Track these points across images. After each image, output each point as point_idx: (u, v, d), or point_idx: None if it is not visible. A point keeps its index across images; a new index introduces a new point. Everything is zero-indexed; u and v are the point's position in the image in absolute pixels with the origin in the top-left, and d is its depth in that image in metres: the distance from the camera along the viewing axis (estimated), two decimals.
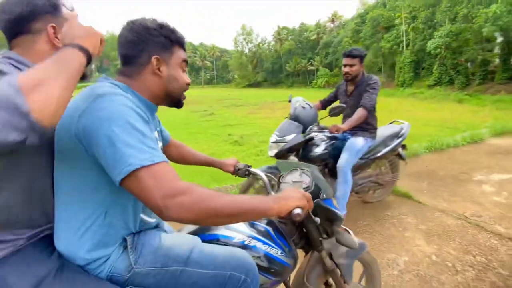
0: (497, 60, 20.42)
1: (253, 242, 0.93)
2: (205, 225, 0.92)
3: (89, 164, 0.66)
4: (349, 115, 2.38)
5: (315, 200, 0.98)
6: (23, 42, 0.77)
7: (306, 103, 2.38)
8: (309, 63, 52.72)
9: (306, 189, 0.98)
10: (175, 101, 0.89)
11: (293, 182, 0.96)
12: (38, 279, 0.66)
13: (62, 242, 0.72)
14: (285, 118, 2.46)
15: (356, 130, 2.39)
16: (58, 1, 0.80)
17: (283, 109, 15.39)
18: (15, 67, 0.72)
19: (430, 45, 22.17)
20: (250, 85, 59.50)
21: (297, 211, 0.73)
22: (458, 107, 15.43)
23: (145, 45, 0.77)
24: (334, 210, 1.02)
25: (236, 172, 1.25)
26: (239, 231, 0.94)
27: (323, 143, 2.34)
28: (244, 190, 2.25)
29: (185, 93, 0.92)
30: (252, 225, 0.98)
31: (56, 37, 0.78)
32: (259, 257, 0.92)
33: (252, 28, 69.37)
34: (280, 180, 1.09)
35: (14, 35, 0.76)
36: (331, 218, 1.04)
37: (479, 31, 18.81)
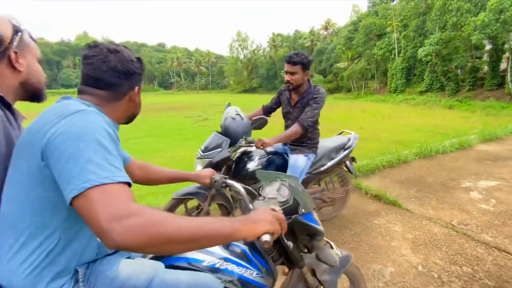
0: (486, 67, 20.87)
1: (225, 265, 0.87)
2: (159, 254, 0.82)
3: (47, 184, 0.63)
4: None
5: (293, 216, 0.92)
6: None
7: (237, 114, 2.14)
8: None
9: (284, 203, 0.92)
10: (131, 121, 0.94)
11: (268, 198, 0.88)
12: None
13: (5, 274, 0.64)
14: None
15: (296, 145, 2.23)
16: (18, 29, 0.82)
17: (275, 115, 15.47)
18: None
19: (421, 52, 22.58)
20: (245, 91, 59.76)
21: (266, 238, 0.65)
22: (449, 113, 15.69)
23: (130, 77, 0.82)
24: (314, 225, 0.96)
25: (213, 184, 1.19)
26: (210, 253, 0.88)
27: (257, 158, 2.15)
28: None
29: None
30: (227, 246, 0.92)
31: (18, 62, 0.81)
32: (231, 281, 0.86)
33: (247, 35, 69.99)
34: (260, 192, 1.03)
35: None
36: (311, 234, 0.99)
37: (468, 38, 19.21)
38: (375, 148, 6.18)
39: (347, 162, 2.53)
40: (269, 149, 2.24)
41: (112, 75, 0.79)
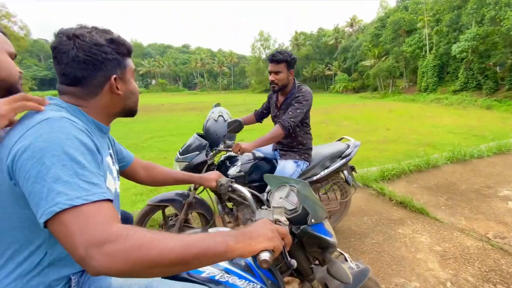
0: None
1: (226, 277, 0.81)
2: (145, 277, 0.73)
3: (22, 202, 0.57)
4: None
5: (302, 227, 0.85)
6: None
7: (220, 115, 2.02)
8: (327, 68, 52.17)
9: (292, 212, 0.85)
10: (131, 113, 0.82)
11: (273, 207, 0.80)
12: None
13: None
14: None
15: (285, 150, 2.08)
16: None
17: None
18: None
19: (455, 48, 21.17)
20: (266, 90, 59.60)
21: (264, 256, 0.57)
22: (486, 113, 14.54)
23: (101, 65, 0.69)
24: (325, 237, 0.87)
25: (219, 188, 1.15)
26: None
27: (240, 163, 2.01)
28: (141, 221, 1.89)
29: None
30: None
31: None
32: None
33: (269, 34, 69.96)
34: (268, 198, 0.97)
35: None
36: (322, 246, 0.91)
37: (508, 33, 17.70)
38: (402, 151, 5.87)
39: (345, 172, 2.29)
40: (257, 153, 2.12)
41: (75, 67, 0.67)
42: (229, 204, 2.09)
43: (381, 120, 11.53)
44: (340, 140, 2.54)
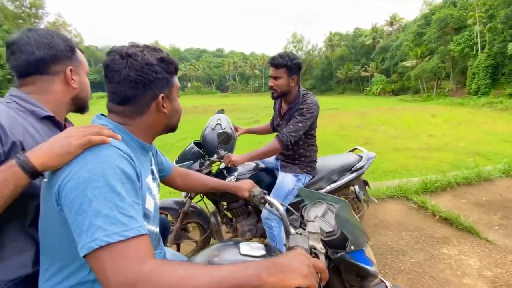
0: None
1: None
2: None
3: (68, 225, 0.58)
4: None
5: (340, 254, 0.79)
6: (38, 81, 0.81)
7: (218, 124, 1.89)
8: (363, 69, 50.08)
9: (330, 234, 0.80)
10: (173, 130, 0.83)
11: (309, 232, 0.74)
12: None
13: None
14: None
15: (286, 162, 1.92)
16: (74, 46, 0.86)
17: (331, 117, 14.83)
18: (18, 104, 0.77)
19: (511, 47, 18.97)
20: None
21: None
22: None
23: (150, 85, 0.70)
24: (365, 266, 0.81)
25: (252, 198, 1.14)
26: None
27: (236, 174, 1.90)
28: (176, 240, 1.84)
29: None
30: None
31: (72, 78, 0.85)
32: None
33: (303, 36, 69.11)
34: (303, 213, 0.93)
35: (27, 75, 0.81)
36: (361, 275, 0.85)
37: None
38: (448, 160, 5.39)
39: (356, 187, 2.10)
40: (259, 164, 2.02)
41: (126, 86, 0.68)
42: (229, 214, 2.05)
43: (423, 126, 10.72)
44: (352, 151, 2.35)
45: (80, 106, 0.93)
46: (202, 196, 1.99)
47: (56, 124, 0.85)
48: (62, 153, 0.58)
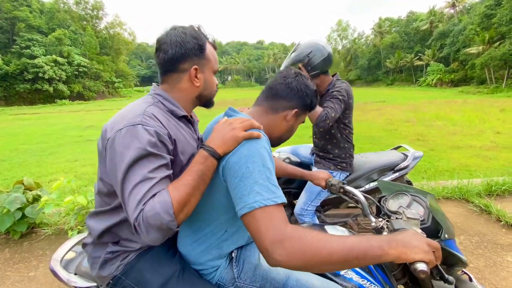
0: None
1: (350, 274, 0.87)
2: (312, 272, 0.86)
3: (223, 193, 0.76)
4: (315, 133, 1.94)
5: (436, 241, 0.84)
6: (171, 79, 0.87)
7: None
8: (417, 57, 45.49)
9: (421, 223, 0.84)
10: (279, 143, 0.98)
11: (408, 218, 0.79)
12: (165, 279, 0.78)
13: (185, 248, 0.86)
14: None
15: (320, 157, 1.89)
16: (204, 44, 0.86)
17: (377, 110, 13.83)
18: (163, 104, 0.85)
19: None
20: None
21: (422, 267, 0.59)
22: None
23: (294, 97, 0.91)
24: (460, 255, 0.84)
25: (329, 187, 1.16)
26: None
27: None
28: None
29: None
30: None
31: (196, 77, 0.87)
32: None
33: (348, 23, 65.26)
34: (382, 203, 0.96)
35: (165, 72, 0.87)
36: (450, 263, 0.87)
37: None
38: None
39: None
40: (293, 157, 1.99)
41: (288, 93, 0.89)
42: None
43: (488, 121, 9.45)
44: (396, 148, 2.21)
45: (204, 103, 0.96)
46: None
47: (188, 120, 0.93)
48: (233, 143, 0.74)
